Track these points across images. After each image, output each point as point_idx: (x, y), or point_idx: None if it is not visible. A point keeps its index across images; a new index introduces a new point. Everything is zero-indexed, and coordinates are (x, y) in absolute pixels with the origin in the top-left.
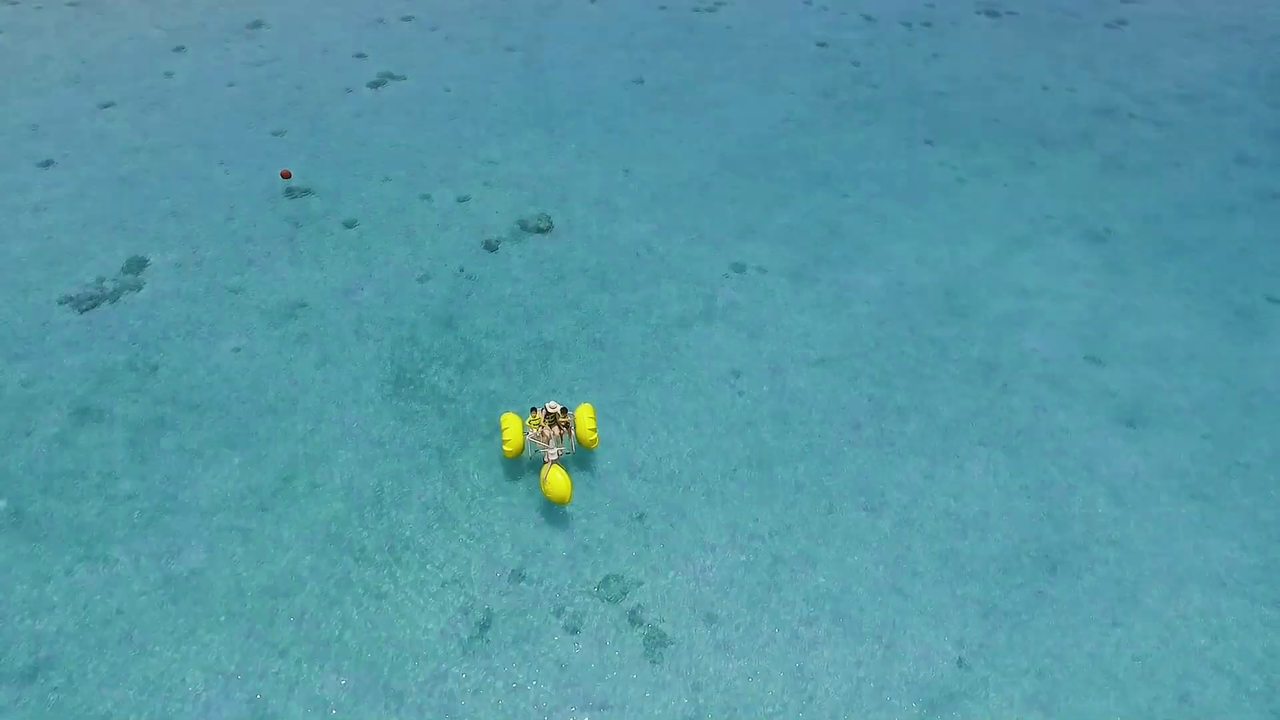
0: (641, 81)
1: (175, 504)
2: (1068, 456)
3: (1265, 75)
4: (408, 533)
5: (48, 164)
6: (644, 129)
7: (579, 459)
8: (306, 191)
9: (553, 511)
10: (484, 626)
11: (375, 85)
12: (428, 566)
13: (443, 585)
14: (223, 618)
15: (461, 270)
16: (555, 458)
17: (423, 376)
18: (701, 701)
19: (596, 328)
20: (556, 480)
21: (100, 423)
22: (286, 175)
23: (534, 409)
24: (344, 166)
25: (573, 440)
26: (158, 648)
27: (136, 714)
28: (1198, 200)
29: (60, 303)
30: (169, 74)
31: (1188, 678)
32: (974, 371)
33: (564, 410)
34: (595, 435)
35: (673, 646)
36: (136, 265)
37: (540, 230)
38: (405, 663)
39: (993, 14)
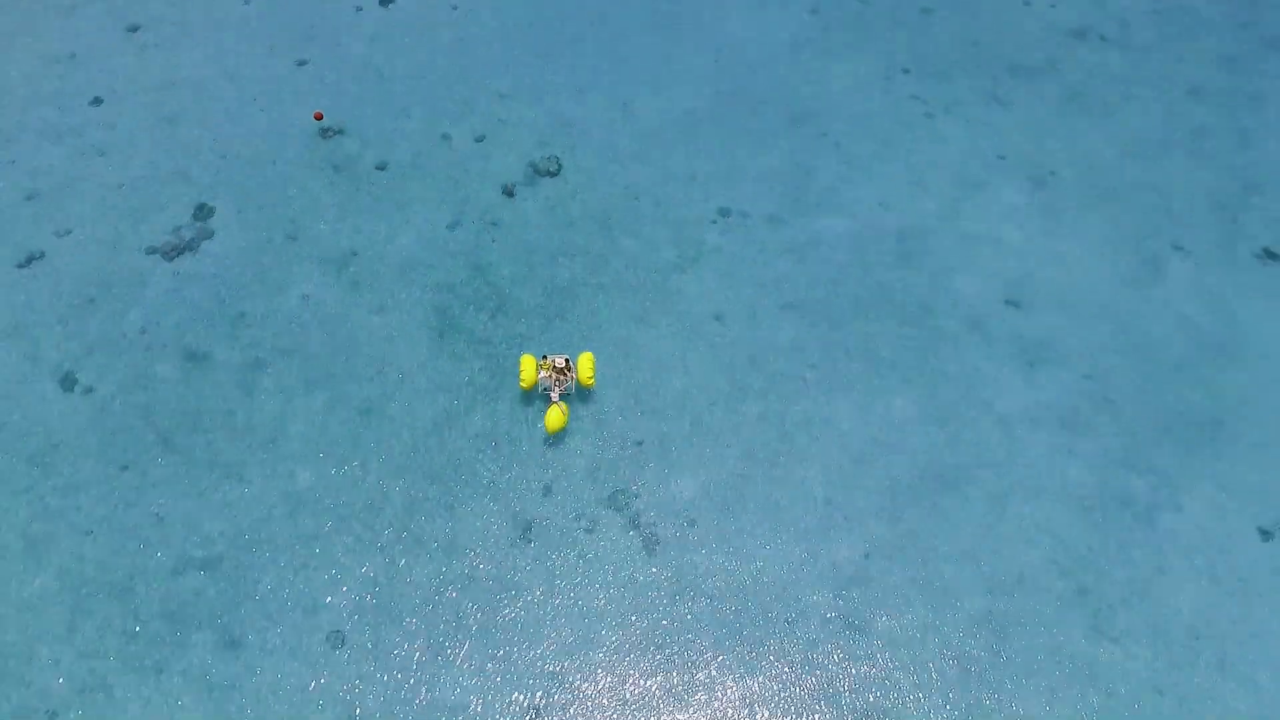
0: None
1: (284, 435)
2: (975, 392)
3: None
4: (462, 457)
5: (97, 101)
6: (643, 56)
7: (585, 397)
8: (339, 132)
9: (570, 439)
10: (525, 530)
11: (385, 1)
12: (481, 484)
13: (493, 499)
14: (333, 525)
15: (485, 223)
16: (556, 398)
17: (461, 321)
18: (683, 583)
19: (602, 273)
20: (553, 416)
21: (209, 365)
22: (319, 117)
23: (545, 356)
24: (367, 103)
25: (573, 382)
26: (293, 548)
27: (281, 596)
28: (1141, 139)
29: (148, 253)
30: None
31: (1026, 565)
32: (913, 315)
33: (567, 361)
34: (593, 380)
35: (663, 544)
36: (204, 213)
37: (550, 174)
38: (472, 557)
39: None
